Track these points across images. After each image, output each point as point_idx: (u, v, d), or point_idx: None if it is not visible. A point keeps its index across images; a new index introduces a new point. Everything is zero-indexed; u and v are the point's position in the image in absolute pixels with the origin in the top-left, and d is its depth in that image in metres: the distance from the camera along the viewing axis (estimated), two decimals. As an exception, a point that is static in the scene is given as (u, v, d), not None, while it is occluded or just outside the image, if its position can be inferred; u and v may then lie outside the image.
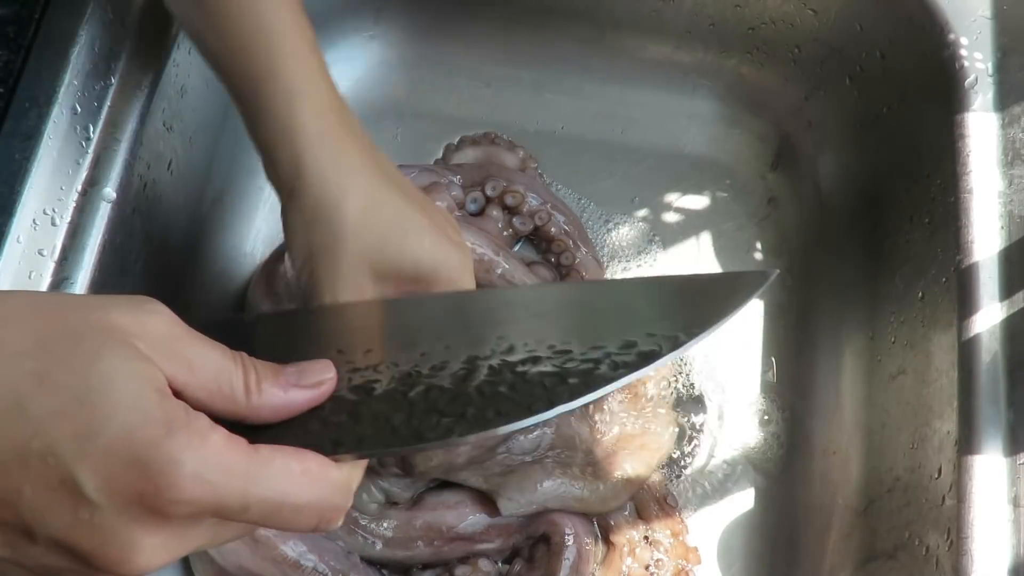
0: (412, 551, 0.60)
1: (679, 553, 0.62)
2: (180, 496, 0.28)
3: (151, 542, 0.28)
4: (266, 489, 0.30)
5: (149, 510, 0.28)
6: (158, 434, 0.28)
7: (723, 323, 0.36)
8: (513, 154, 0.74)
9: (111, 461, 0.27)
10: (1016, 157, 0.59)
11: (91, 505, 0.27)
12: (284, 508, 0.30)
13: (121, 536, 0.28)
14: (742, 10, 0.74)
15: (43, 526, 0.27)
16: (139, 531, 0.28)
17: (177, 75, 0.63)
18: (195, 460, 0.28)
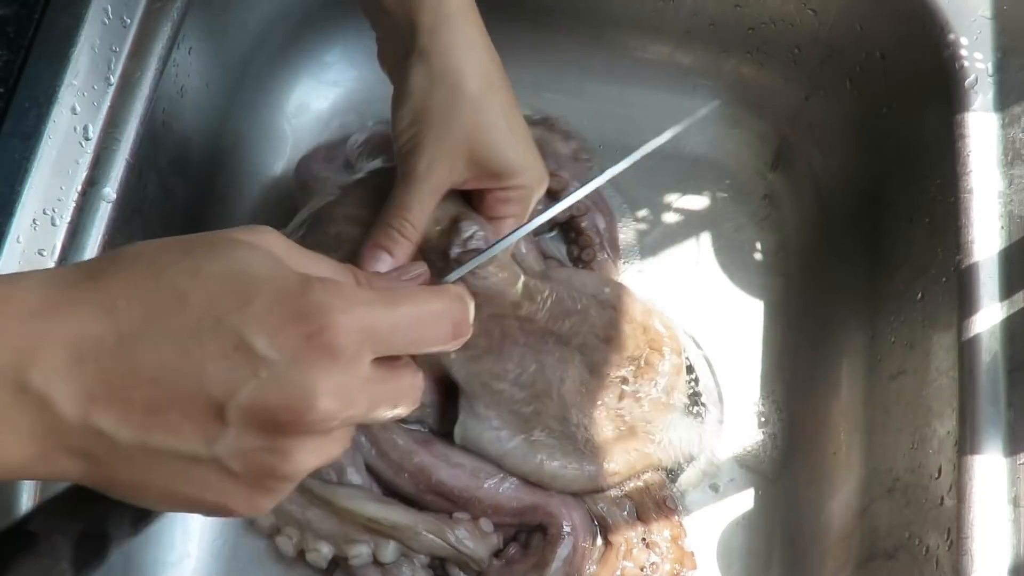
0: (397, 479, 0.61)
1: (675, 557, 0.62)
2: (337, 329, 0.31)
3: (327, 384, 0.31)
4: (405, 307, 0.34)
5: (316, 351, 0.30)
6: (303, 289, 0.31)
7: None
8: (566, 143, 0.74)
9: (272, 319, 0.30)
10: (1016, 157, 0.59)
11: (266, 361, 0.30)
12: (424, 319, 0.34)
13: (299, 383, 0.30)
14: (742, 10, 0.74)
15: (231, 396, 0.30)
16: (314, 374, 0.30)
17: (177, 75, 0.63)
18: (340, 300, 0.31)
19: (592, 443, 0.62)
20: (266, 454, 0.31)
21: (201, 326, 0.30)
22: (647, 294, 0.72)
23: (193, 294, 0.30)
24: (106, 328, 0.30)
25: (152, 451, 0.31)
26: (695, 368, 0.71)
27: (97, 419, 0.30)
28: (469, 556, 0.60)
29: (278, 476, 0.32)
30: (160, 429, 0.30)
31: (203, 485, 0.32)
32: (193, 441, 0.31)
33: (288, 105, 0.79)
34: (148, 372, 0.30)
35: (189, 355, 0.30)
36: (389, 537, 0.59)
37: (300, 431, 0.31)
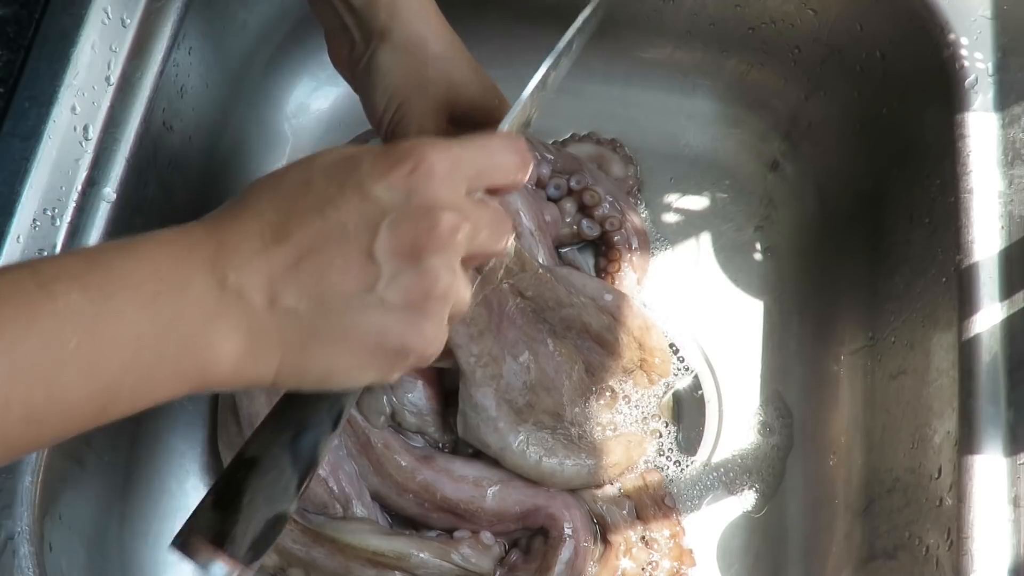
0: (401, 500, 0.61)
1: (675, 555, 0.62)
2: (432, 158, 0.36)
3: (441, 201, 0.36)
4: (477, 141, 0.39)
5: (423, 179, 0.36)
6: (393, 144, 0.37)
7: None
8: (624, 167, 0.75)
9: (380, 168, 0.36)
10: (1016, 157, 0.59)
11: (389, 201, 0.36)
12: (493, 148, 0.40)
13: (420, 207, 0.36)
14: (742, 10, 0.74)
15: (373, 239, 0.35)
16: (429, 197, 0.36)
17: (177, 75, 0.63)
18: (425, 140, 0.37)
19: (586, 439, 0.62)
20: (418, 278, 0.36)
21: (329, 195, 0.35)
22: (647, 294, 0.73)
23: (314, 176, 0.36)
24: (261, 225, 0.35)
25: (329, 311, 0.35)
26: (695, 368, 0.71)
27: (282, 299, 0.35)
28: (475, 572, 0.60)
29: (434, 296, 0.37)
30: (329, 290, 0.35)
31: (379, 329, 0.36)
32: (357, 289, 0.35)
33: (288, 105, 0.79)
34: (305, 245, 0.35)
35: (330, 219, 0.35)
36: (395, 568, 0.59)
37: (436, 247, 0.36)
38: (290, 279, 0.35)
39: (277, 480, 0.38)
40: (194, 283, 0.34)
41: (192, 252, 0.35)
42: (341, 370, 0.37)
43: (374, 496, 0.62)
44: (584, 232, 0.70)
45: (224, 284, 0.34)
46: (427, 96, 0.50)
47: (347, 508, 0.61)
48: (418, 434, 0.63)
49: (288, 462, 0.38)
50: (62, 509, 0.53)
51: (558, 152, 0.72)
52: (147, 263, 0.34)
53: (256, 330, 0.35)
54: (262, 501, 0.38)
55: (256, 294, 0.35)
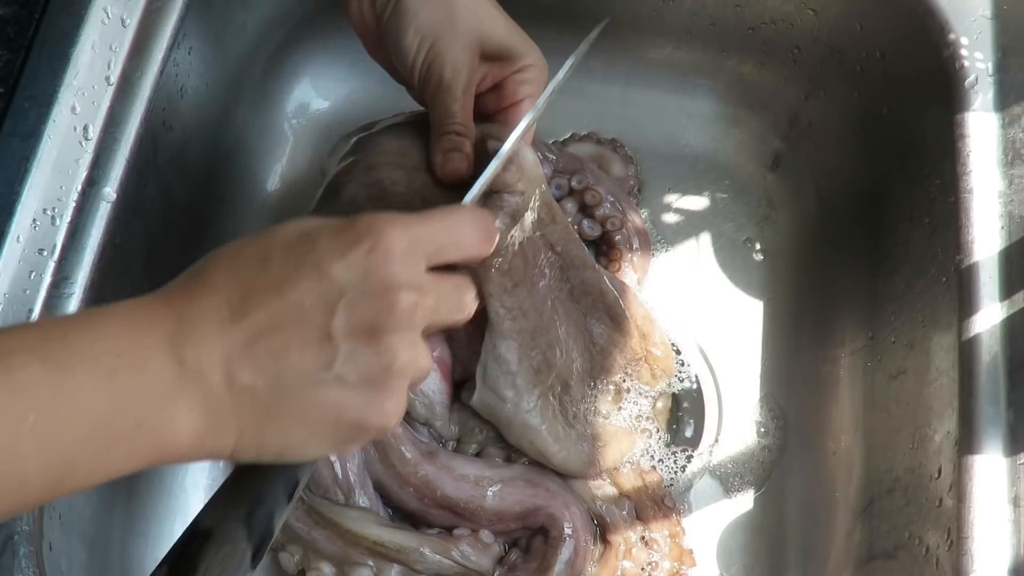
0: (402, 493, 0.61)
1: (675, 555, 0.62)
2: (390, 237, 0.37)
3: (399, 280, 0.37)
4: (437, 216, 0.40)
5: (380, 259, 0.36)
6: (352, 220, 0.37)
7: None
8: (624, 167, 0.75)
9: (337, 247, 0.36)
10: (1016, 157, 0.59)
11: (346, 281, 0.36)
12: (456, 224, 0.40)
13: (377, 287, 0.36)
14: (742, 10, 0.74)
15: (330, 318, 0.36)
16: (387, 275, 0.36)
17: (177, 75, 0.63)
18: (383, 217, 0.37)
19: (584, 423, 0.62)
20: (375, 356, 0.36)
21: (286, 273, 0.36)
22: (647, 294, 0.73)
23: (272, 254, 0.37)
24: (219, 301, 0.36)
25: (286, 389, 0.36)
26: (695, 368, 0.71)
27: (239, 378, 0.35)
28: (475, 570, 0.60)
29: (392, 373, 0.37)
30: (287, 369, 0.36)
31: (337, 406, 0.37)
32: (315, 367, 0.36)
33: (288, 105, 0.79)
34: (262, 324, 0.35)
35: (287, 299, 0.36)
36: (393, 560, 0.59)
37: (394, 327, 0.37)
38: (247, 358, 0.35)
39: (231, 553, 0.38)
40: (152, 360, 0.34)
41: (151, 327, 0.35)
42: (297, 445, 0.37)
43: (377, 487, 0.62)
44: (585, 232, 0.70)
45: (183, 362, 0.35)
46: (458, 33, 0.51)
47: (349, 496, 0.61)
48: (425, 425, 0.63)
49: (243, 536, 0.38)
50: (62, 509, 0.53)
51: (559, 152, 0.72)
52: (105, 338, 0.34)
53: (214, 408, 0.35)
54: (216, 574, 0.37)
55: (214, 373, 0.35)
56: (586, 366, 0.62)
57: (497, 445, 0.63)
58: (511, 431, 0.61)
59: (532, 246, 0.58)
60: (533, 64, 0.55)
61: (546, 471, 0.63)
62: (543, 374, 0.61)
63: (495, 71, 0.55)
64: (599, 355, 0.62)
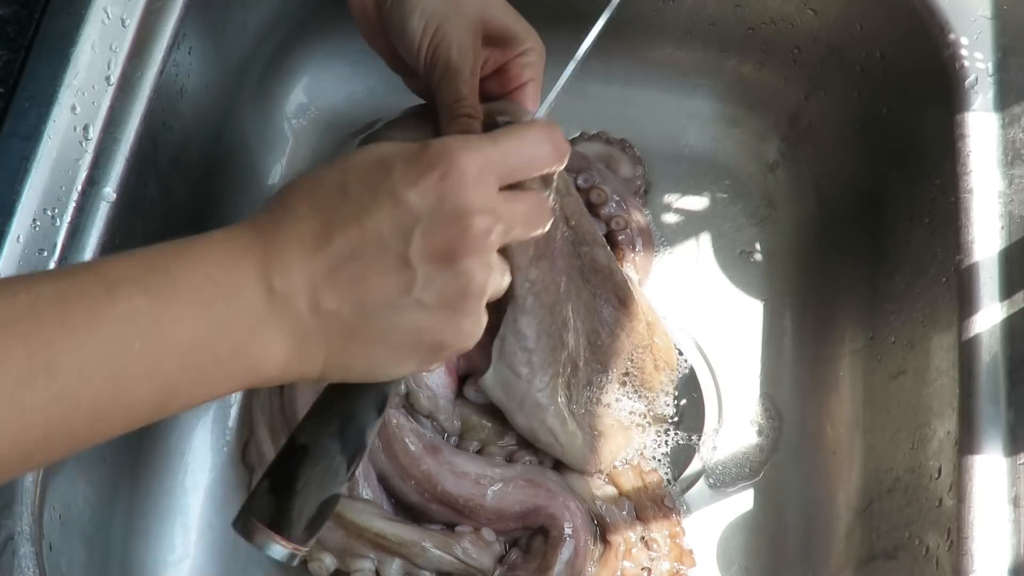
0: (404, 486, 0.61)
1: (674, 555, 0.62)
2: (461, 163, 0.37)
3: (472, 204, 0.37)
4: (508, 137, 0.41)
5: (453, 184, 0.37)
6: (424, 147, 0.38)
7: None
8: (631, 166, 0.75)
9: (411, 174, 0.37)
10: (1016, 157, 0.59)
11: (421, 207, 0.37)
12: (527, 142, 0.41)
13: (451, 212, 0.37)
14: (742, 10, 0.74)
15: (407, 244, 0.37)
16: (459, 202, 0.37)
17: (177, 75, 0.63)
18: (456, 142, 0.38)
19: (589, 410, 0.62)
20: (452, 280, 0.38)
21: (364, 201, 0.37)
22: (648, 294, 0.73)
23: (350, 183, 0.38)
24: (303, 232, 0.37)
25: (368, 313, 0.37)
26: (695, 368, 0.71)
27: (324, 304, 0.37)
28: (476, 568, 0.60)
29: (469, 295, 0.38)
30: (369, 294, 0.37)
31: (416, 328, 0.38)
32: (395, 292, 0.37)
33: (288, 105, 0.79)
34: (344, 252, 0.37)
35: (366, 227, 0.37)
36: (395, 554, 0.59)
37: (469, 250, 0.38)
38: (331, 284, 0.37)
39: (328, 467, 0.41)
40: (245, 289, 0.36)
41: (244, 258, 0.37)
42: (382, 365, 0.39)
43: (380, 478, 0.62)
44: None
45: (272, 290, 0.36)
46: (462, 16, 0.52)
47: (353, 488, 0.61)
48: (428, 418, 0.63)
49: (337, 449, 0.41)
50: (62, 509, 0.53)
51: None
52: (203, 269, 0.36)
53: (302, 332, 0.37)
54: (315, 486, 0.40)
55: (300, 299, 0.37)
56: (594, 348, 0.62)
57: (499, 443, 0.64)
58: (522, 410, 0.61)
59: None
60: (533, 48, 0.56)
61: (547, 471, 0.63)
62: (557, 352, 0.60)
63: (496, 55, 0.55)
64: (608, 337, 0.62)
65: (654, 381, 0.65)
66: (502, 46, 0.55)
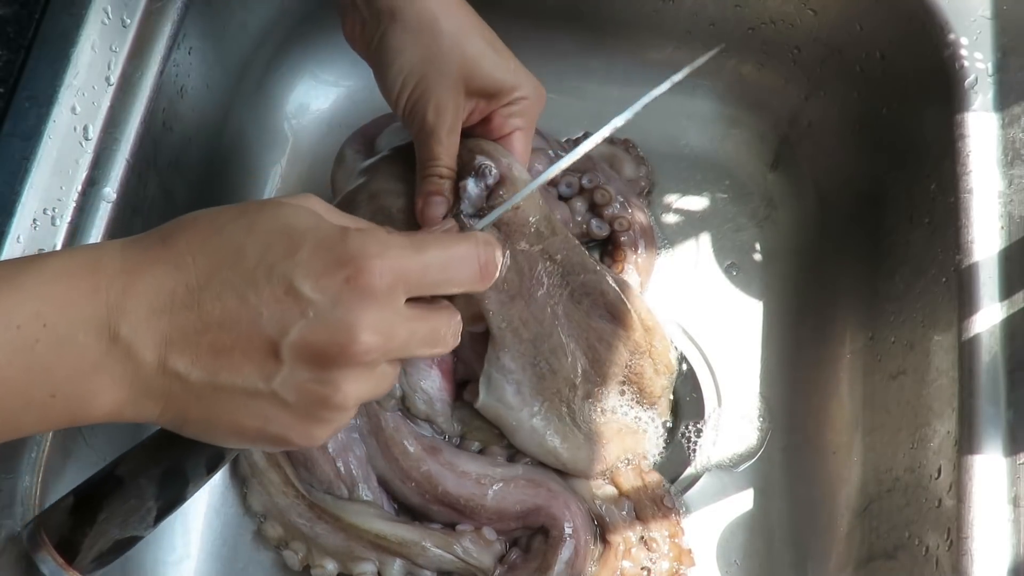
0: (405, 488, 0.61)
1: (674, 555, 0.62)
2: (373, 271, 0.35)
3: (367, 320, 0.35)
4: (434, 249, 0.38)
5: (355, 291, 0.35)
6: (342, 237, 0.36)
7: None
8: (636, 168, 0.75)
9: (315, 265, 0.35)
10: (1016, 157, 0.59)
11: (313, 303, 0.34)
12: (452, 260, 0.39)
13: (342, 320, 0.35)
14: (742, 10, 0.74)
15: (283, 335, 0.34)
16: (355, 312, 0.35)
17: (177, 75, 0.63)
18: (375, 245, 0.36)
19: (592, 421, 0.62)
20: (317, 385, 0.35)
21: (256, 275, 0.35)
22: (648, 294, 0.73)
23: (249, 247, 0.35)
24: (177, 282, 0.35)
25: (219, 388, 0.35)
26: (695, 368, 0.71)
27: (173, 363, 0.34)
28: (476, 567, 0.60)
29: (330, 406, 0.36)
30: (225, 369, 0.35)
31: (264, 418, 0.36)
32: (254, 378, 0.35)
33: (288, 105, 0.79)
34: (214, 318, 0.34)
35: (247, 302, 0.34)
36: (396, 554, 0.59)
37: (346, 363, 0.35)
38: (187, 347, 0.34)
39: (137, 508, 0.38)
40: (79, 334, 0.33)
41: (92, 297, 0.34)
42: (219, 435, 0.37)
43: (380, 481, 0.62)
44: (593, 231, 0.70)
45: (115, 337, 0.34)
46: (442, 73, 0.50)
47: (352, 491, 0.61)
48: (426, 422, 0.63)
49: (152, 494, 0.39)
50: (62, 509, 0.53)
51: (571, 150, 0.72)
52: (33, 303, 0.33)
53: (139, 385, 0.35)
54: (117, 523, 0.38)
55: (147, 352, 0.34)
56: (592, 364, 0.62)
57: (501, 443, 0.64)
58: (518, 436, 0.62)
59: (528, 259, 0.58)
60: (525, 96, 0.54)
61: (548, 471, 0.63)
62: (548, 381, 0.61)
63: (483, 105, 0.54)
64: (604, 351, 0.62)
65: (654, 386, 0.65)
66: (488, 97, 0.53)
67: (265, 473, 0.61)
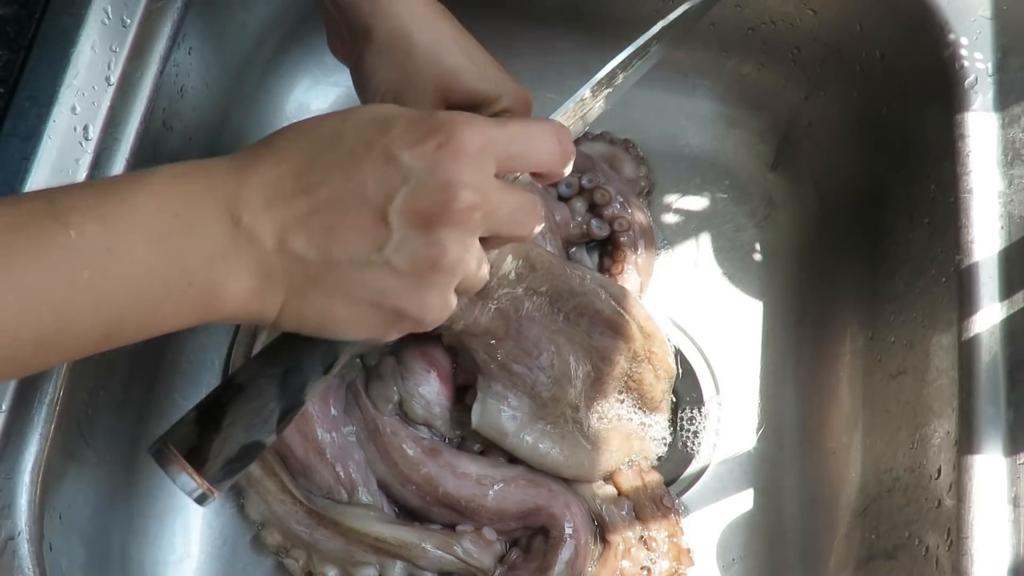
0: (404, 491, 0.62)
1: (673, 555, 0.62)
2: (463, 136, 0.37)
3: (463, 178, 0.37)
4: (516, 123, 0.40)
5: (449, 155, 0.36)
6: (430, 113, 0.38)
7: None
8: (635, 167, 0.75)
9: (410, 136, 0.37)
10: (1016, 157, 0.59)
11: (412, 169, 0.36)
12: (532, 132, 0.40)
13: (440, 180, 0.36)
14: (742, 10, 0.74)
15: (389, 202, 0.36)
16: (450, 173, 0.36)
17: (177, 75, 0.63)
18: (461, 116, 0.38)
19: (595, 431, 0.62)
20: (425, 247, 0.37)
21: (356, 152, 0.36)
22: (648, 295, 0.73)
23: (345, 131, 0.37)
24: (284, 172, 0.36)
25: (335, 264, 0.36)
26: (695, 368, 0.71)
27: (291, 245, 0.36)
28: (477, 567, 0.60)
29: (439, 268, 0.37)
30: (339, 244, 0.36)
31: (379, 289, 0.37)
32: (366, 248, 0.36)
33: (288, 105, 0.79)
34: (323, 199, 0.36)
35: (351, 177, 0.36)
36: (397, 556, 0.59)
37: (450, 222, 0.37)
38: (302, 227, 0.36)
39: (260, 409, 0.39)
40: (206, 223, 0.35)
41: (210, 191, 0.36)
42: (337, 321, 0.38)
43: (380, 485, 0.62)
44: (593, 231, 0.70)
45: (238, 223, 0.36)
46: (418, 92, 0.50)
47: (352, 495, 0.61)
48: (425, 426, 0.63)
49: (274, 395, 0.40)
50: (62, 509, 0.53)
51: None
52: (160, 199, 0.35)
53: (264, 270, 0.36)
54: (242, 426, 0.39)
55: (267, 237, 0.36)
56: (595, 381, 0.62)
57: (501, 444, 0.64)
58: (518, 453, 0.62)
59: (513, 302, 0.59)
60: (507, 107, 0.53)
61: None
62: (550, 407, 0.61)
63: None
64: (607, 367, 0.63)
65: (655, 391, 0.65)
66: (471, 108, 0.52)
67: (261, 482, 0.61)
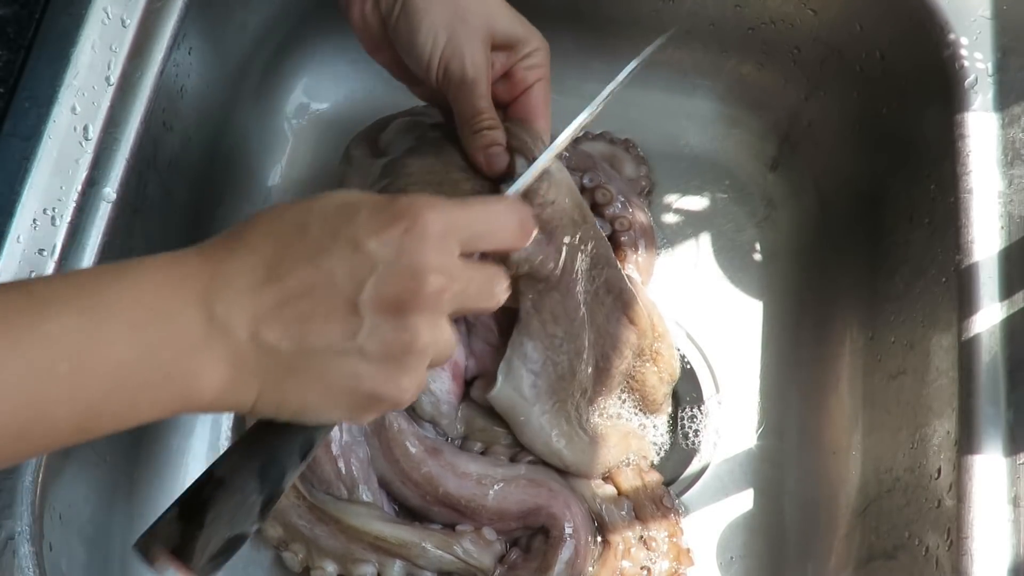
0: (405, 489, 0.61)
1: (673, 555, 0.62)
2: (427, 220, 0.38)
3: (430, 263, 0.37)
4: (476, 205, 0.41)
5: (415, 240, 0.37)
6: (393, 198, 0.38)
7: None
8: (636, 167, 0.75)
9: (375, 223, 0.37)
10: (1016, 157, 0.59)
11: (379, 256, 0.37)
12: (493, 214, 0.42)
13: (408, 266, 0.37)
14: (742, 10, 0.74)
15: (359, 291, 0.37)
16: (417, 258, 0.37)
17: (177, 75, 0.63)
18: (424, 199, 0.39)
19: (594, 426, 0.62)
20: (397, 333, 0.38)
21: (323, 242, 0.37)
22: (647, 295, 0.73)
23: (311, 221, 0.38)
24: (255, 262, 0.37)
25: (308, 353, 0.37)
26: (695, 369, 0.71)
27: (264, 336, 0.36)
28: (476, 567, 0.60)
29: (412, 352, 0.38)
30: (311, 334, 0.37)
31: (354, 375, 0.38)
32: (339, 337, 0.37)
33: (288, 105, 0.79)
34: (293, 289, 0.37)
35: (320, 267, 0.37)
36: (396, 555, 0.59)
37: (418, 307, 0.38)
38: (274, 318, 0.37)
39: (241, 503, 0.40)
40: (182, 314, 0.36)
41: (184, 283, 0.36)
42: (314, 407, 0.39)
43: (381, 482, 0.62)
44: None
45: (212, 316, 0.36)
46: (471, 28, 0.52)
47: (352, 491, 0.61)
48: (430, 423, 0.63)
49: (254, 488, 0.40)
50: (62, 509, 0.53)
51: (572, 149, 0.72)
52: (137, 292, 0.36)
53: (239, 361, 0.37)
54: (225, 520, 0.39)
55: (241, 329, 0.36)
56: (602, 371, 0.62)
57: (502, 443, 0.64)
58: (526, 431, 0.61)
59: (570, 252, 0.58)
60: (538, 48, 0.56)
61: (549, 471, 0.63)
62: (566, 381, 0.61)
63: (502, 60, 0.55)
64: (616, 358, 0.62)
65: (657, 393, 0.65)
66: (507, 50, 0.55)
67: None
